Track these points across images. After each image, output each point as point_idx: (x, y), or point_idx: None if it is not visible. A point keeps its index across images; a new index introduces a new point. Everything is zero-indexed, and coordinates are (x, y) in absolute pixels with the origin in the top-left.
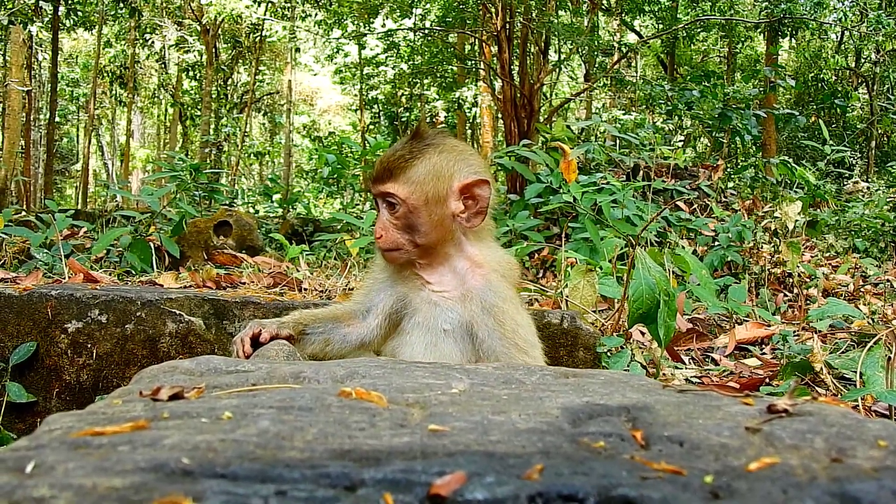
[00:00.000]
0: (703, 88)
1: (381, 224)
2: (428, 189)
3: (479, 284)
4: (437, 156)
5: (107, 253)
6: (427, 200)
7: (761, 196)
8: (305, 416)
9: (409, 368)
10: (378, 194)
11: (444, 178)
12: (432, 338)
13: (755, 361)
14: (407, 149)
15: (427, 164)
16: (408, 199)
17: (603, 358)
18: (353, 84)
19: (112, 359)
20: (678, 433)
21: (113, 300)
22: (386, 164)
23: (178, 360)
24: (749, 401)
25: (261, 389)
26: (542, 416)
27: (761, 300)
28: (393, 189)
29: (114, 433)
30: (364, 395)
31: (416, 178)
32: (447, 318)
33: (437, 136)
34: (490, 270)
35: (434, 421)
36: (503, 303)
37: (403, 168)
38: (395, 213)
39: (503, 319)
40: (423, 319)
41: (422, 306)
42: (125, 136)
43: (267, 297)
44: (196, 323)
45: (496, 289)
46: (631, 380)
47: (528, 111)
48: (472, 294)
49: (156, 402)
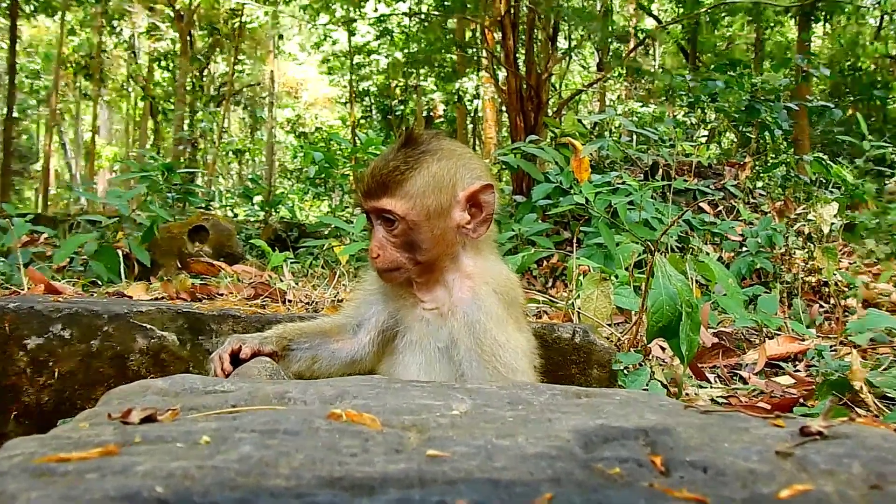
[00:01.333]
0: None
1: (377, 243)
2: (429, 202)
3: (465, 297)
4: (436, 164)
5: (70, 261)
6: (429, 215)
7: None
8: (291, 441)
9: (404, 388)
10: (371, 210)
11: (446, 188)
12: (426, 357)
13: (788, 379)
14: (401, 158)
15: (426, 175)
16: (407, 215)
17: (619, 376)
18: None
19: (76, 378)
20: (702, 458)
21: (77, 314)
22: (379, 178)
23: (151, 380)
24: (780, 422)
25: (242, 411)
26: (551, 439)
27: (794, 312)
28: (390, 205)
29: (81, 459)
30: (356, 417)
31: (414, 191)
32: (440, 335)
33: (433, 140)
34: (480, 283)
35: (433, 445)
36: (488, 320)
37: (400, 181)
38: (392, 231)
39: (482, 339)
40: (416, 338)
41: (414, 324)
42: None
43: (248, 309)
44: (169, 339)
45: (482, 303)
46: (650, 400)
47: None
48: (455, 308)
49: (126, 426)
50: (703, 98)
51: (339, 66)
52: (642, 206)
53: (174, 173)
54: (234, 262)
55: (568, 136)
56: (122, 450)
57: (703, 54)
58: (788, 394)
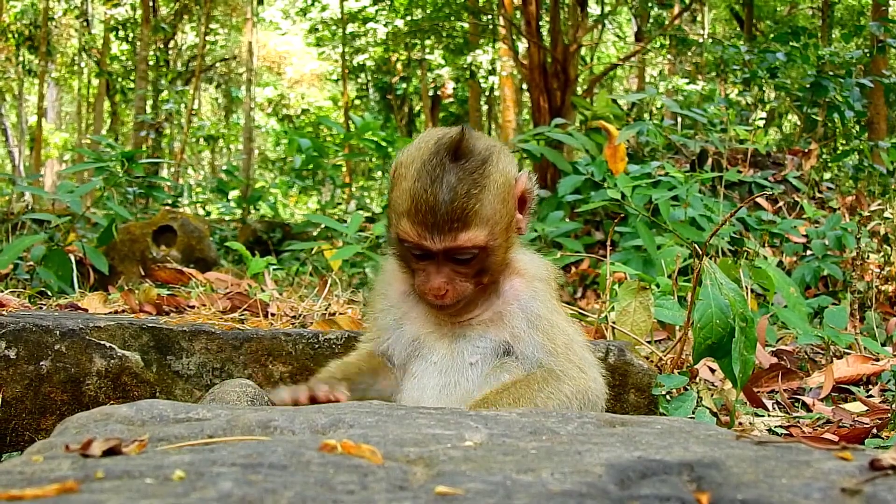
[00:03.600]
0: (791, 50)
1: (444, 279)
2: (500, 218)
3: (524, 296)
4: (495, 170)
5: (14, 268)
6: (502, 231)
7: (867, 191)
8: (278, 476)
9: (409, 415)
10: (445, 251)
11: (508, 195)
12: (451, 378)
13: (859, 406)
14: (466, 178)
15: (493, 189)
16: (487, 243)
17: (661, 402)
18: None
19: (23, 405)
20: (755, 496)
21: (23, 329)
22: (453, 211)
23: (113, 406)
24: (847, 455)
25: (220, 442)
26: (581, 474)
27: (867, 326)
28: (471, 239)
29: (35, 498)
30: (353, 448)
31: (489, 213)
32: (475, 348)
33: (479, 141)
34: (533, 279)
35: (442, 481)
36: (552, 314)
37: (476, 209)
38: (466, 264)
39: (554, 333)
40: (439, 358)
41: (438, 344)
42: (36, 116)
43: (223, 324)
44: (132, 358)
45: (543, 299)
46: (696, 429)
47: (561, 81)
48: (511, 309)
49: (87, 459)
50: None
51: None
52: (688, 203)
53: (135, 164)
54: (206, 268)
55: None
56: (82, 486)
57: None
58: (860, 423)
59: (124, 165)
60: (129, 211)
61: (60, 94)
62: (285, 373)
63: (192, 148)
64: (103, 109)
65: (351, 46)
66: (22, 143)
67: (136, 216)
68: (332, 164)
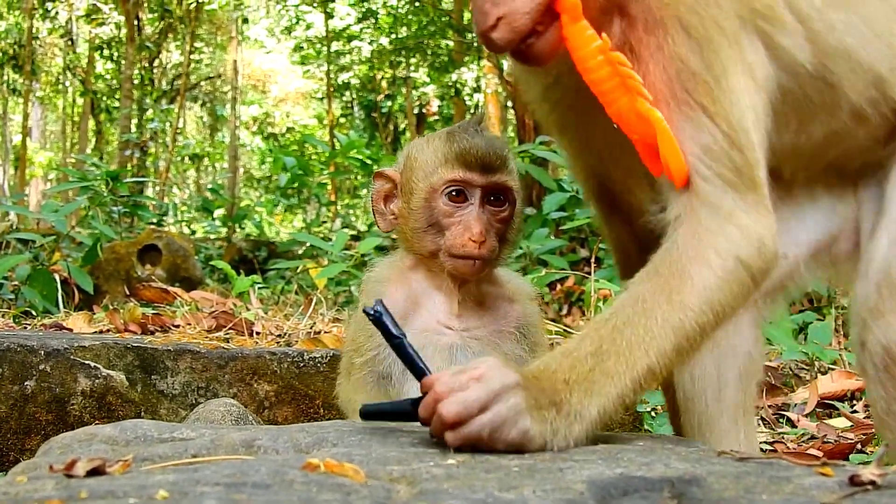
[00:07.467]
0: None
1: (483, 226)
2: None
3: (520, 319)
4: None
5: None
6: (519, 211)
7: None
8: (261, 495)
9: (392, 433)
10: (488, 187)
11: None
12: None
13: (843, 422)
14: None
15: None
16: (517, 198)
17: (645, 419)
18: (317, 65)
19: (7, 425)
20: None
21: (8, 349)
22: (494, 152)
23: (97, 426)
24: (827, 470)
25: (204, 461)
26: (562, 492)
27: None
28: (510, 181)
29: None
30: (335, 467)
31: (515, 173)
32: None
33: None
34: (526, 300)
35: (425, 499)
36: (541, 337)
37: (510, 159)
38: (500, 215)
39: None
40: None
41: (433, 357)
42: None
43: (208, 343)
44: (116, 378)
45: (538, 325)
46: (677, 446)
47: None
48: (507, 331)
49: (71, 479)
50: None
51: (314, 54)
52: None
53: (120, 183)
54: (191, 287)
55: None
56: None
57: None
58: (844, 439)
59: (109, 184)
60: (113, 230)
61: (45, 113)
62: (270, 392)
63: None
64: (88, 128)
65: (336, 65)
66: (6, 162)
67: (120, 235)
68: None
